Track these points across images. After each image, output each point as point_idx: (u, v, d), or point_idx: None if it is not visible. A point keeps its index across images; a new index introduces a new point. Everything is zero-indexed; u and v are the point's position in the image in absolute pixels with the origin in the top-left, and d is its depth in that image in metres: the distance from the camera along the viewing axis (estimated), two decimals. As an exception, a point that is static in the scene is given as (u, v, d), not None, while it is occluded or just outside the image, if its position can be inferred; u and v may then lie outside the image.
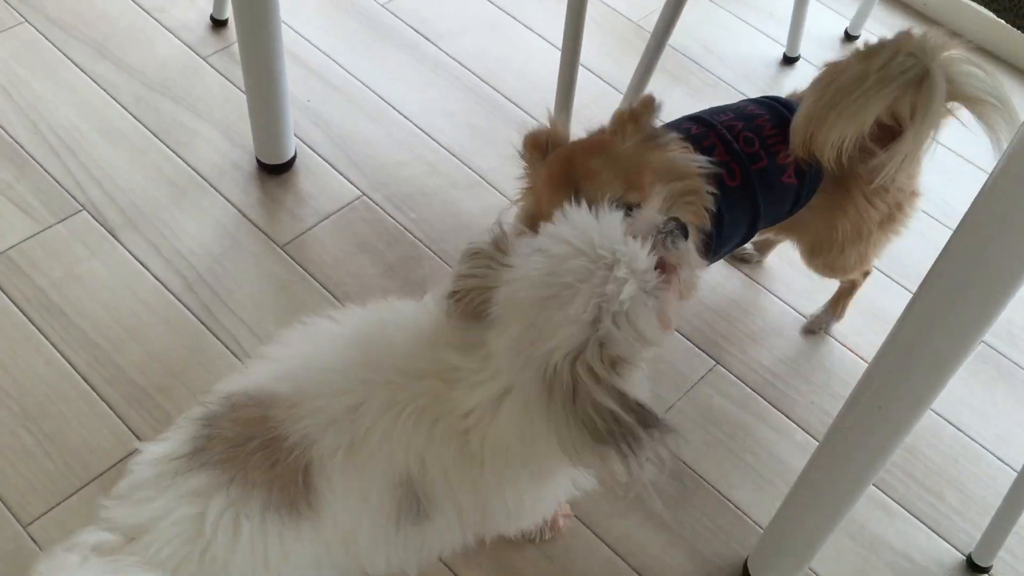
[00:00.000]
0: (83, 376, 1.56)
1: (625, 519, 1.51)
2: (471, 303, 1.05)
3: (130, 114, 1.93)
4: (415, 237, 1.81)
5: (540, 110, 2.05)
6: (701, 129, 1.38)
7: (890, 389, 1.07)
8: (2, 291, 1.64)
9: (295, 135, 1.90)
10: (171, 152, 1.88)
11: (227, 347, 1.62)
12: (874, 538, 1.53)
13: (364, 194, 1.87)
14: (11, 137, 1.85)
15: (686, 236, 1.07)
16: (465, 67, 2.12)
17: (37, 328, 1.60)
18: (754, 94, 2.16)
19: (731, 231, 1.39)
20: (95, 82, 1.97)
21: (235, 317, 1.66)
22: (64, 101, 1.93)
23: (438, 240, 1.81)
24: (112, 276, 1.69)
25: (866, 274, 1.71)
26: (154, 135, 1.90)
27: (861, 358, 1.75)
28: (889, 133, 1.34)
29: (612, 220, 1.01)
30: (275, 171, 1.86)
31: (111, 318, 1.63)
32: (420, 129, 1.99)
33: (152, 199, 1.80)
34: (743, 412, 1.66)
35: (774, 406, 1.67)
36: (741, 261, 1.84)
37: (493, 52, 2.16)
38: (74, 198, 1.78)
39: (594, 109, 1.99)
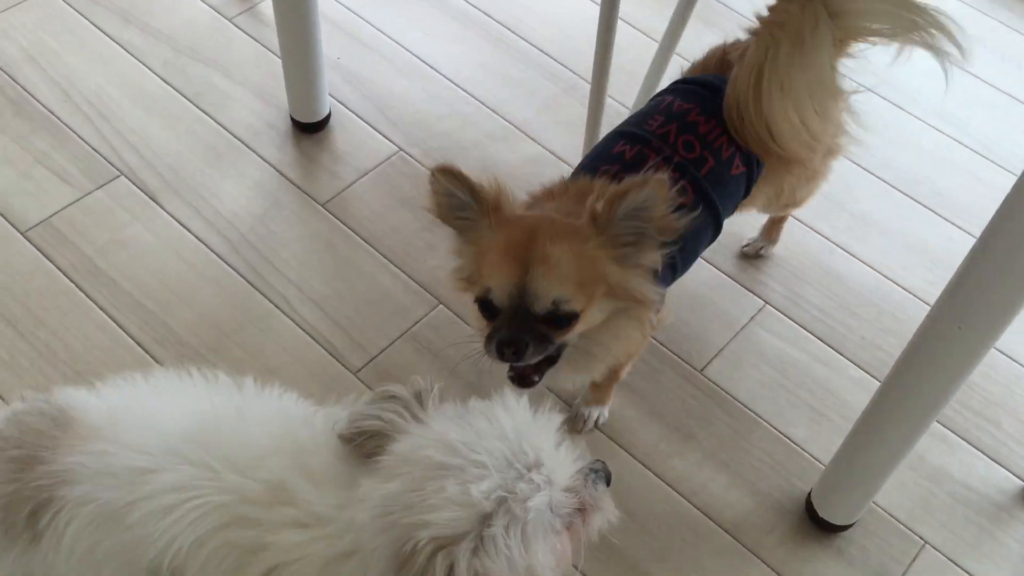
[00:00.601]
0: (135, 340, 1.56)
1: (684, 458, 1.51)
2: (363, 444, 0.91)
3: (160, 79, 1.91)
4: (455, 190, 1.80)
5: (572, 58, 2.04)
6: (635, 149, 1.27)
7: (973, 305, 1.06)
8: (48, 259, 1.64)
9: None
10: (204, 115, 1.86)
11: (276, 306, 1.61)
12: (935, 469, 1.53)
13: (401, 149, 1.85)
14: (44, 107, 1.84)
15: (608, 483, 0.97)
16: (493, 18, 2.10)
17: (86, 294, 1.60)
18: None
19: (696, 244, 1.32)
20: (123, 48, 1.95)
21: (282, 276, 1.65)
22: (94, 69, 1.91)
23: (478, 192, 1.80)
24: (156, 240, 1.68)
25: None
26: (186, 98, 1.88)
27: (909, 292, 1.74)
28: None
29: (548, 423, 0.91)
30: (310, 130, 1.85)
31: (158, 282, 1.63)
32: (452, 82, 1.97)
33: (189, 162, 1.79)
34: (795, 350, 1.65)
35: (825, 343, 1.66)
36: (756, 258, 1.76)
37: (520, 1, 2.14)
38: (112, 164, 1.77)
39: (629, 56, 1.97)
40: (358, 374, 1.55)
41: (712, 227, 1.32)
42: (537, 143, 1.89)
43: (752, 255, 1.75)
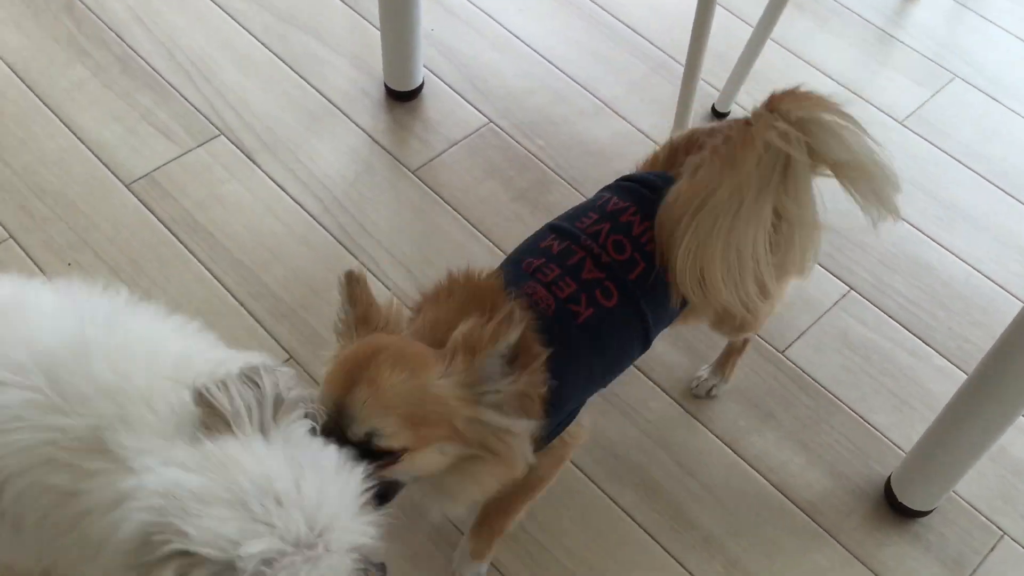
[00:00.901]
0: (231, 292, 1.61)
1: (763, 437, 1.52)
2: (206, 414, 0.87)
3: (261, 43, 1.96)
4: (543, 163, 1.82)
5: (663, 38, 2.05)
6: (564, 244, 1.17)
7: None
8: (150, 211, 1.70)
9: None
10: (302, 80, 1.91)
11: (366, 267, 1.65)
12: (1017, 462, 1.52)
13: (491, 121, 1.88)
14: (149, 65, 1.90)
15: None
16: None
17: (185, 246, 1.66)
18: (880, 23, 2.13)
19: (621, 353, 1.22)
20: (226, 12, 2.01)
21: (371, 239, 1.69)
22: (197, 30, 1.97)
23: (566, 167, 1.82)
24: (252, 198, 1.73)
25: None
26: (284, 63, 1.93)
27: (1000, 286, 1.71)
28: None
29: (348, 484, 0.86)
30: (404, 98, 1.88)
31: (253, 238, 1.68)
32: (544, 58, 1.99)
33: (286, 125, 1.84)
34: (879, 337, 1.64)
35: (911, 331, 1.65)
36: (706, 396, 1.56)
37: (613, -19, 2.15)
38: (212, 123, 1.82)
39: (721, 39, 1.97)
40: (443, 337, 1.58)
41: (640, 339, 1.20)
42: (626, 120, 1.90)
43: (703, 395, 1.55)
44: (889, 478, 1.46)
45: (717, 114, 1.91)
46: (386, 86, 1.89)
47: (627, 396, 1.54)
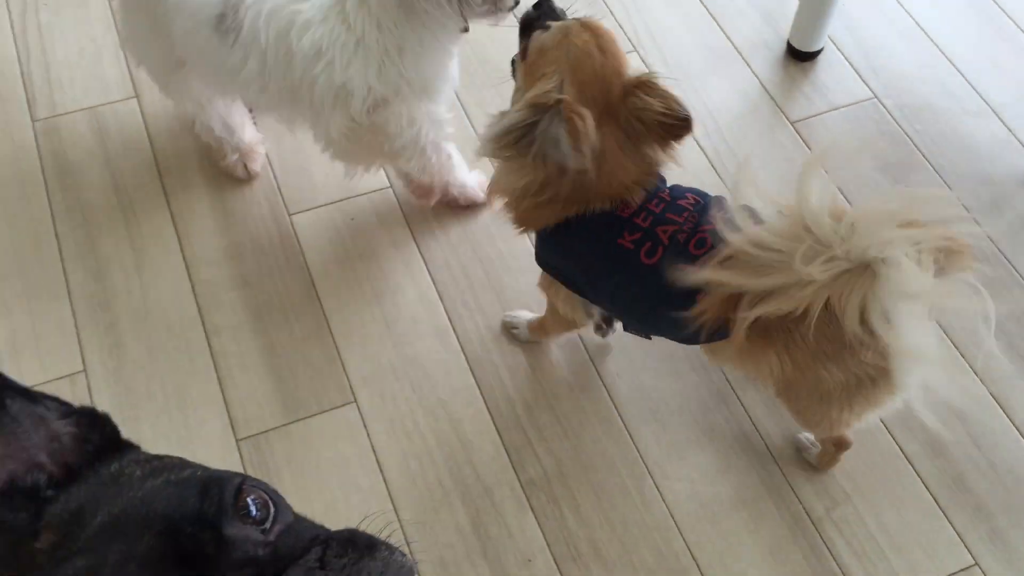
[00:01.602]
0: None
1: None
2: None
3: (686, -15, 2.21)
4: (916, 147, 1.94)
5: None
6: (687, 206, 1.27)
7: None
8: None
9: (826, 32, 2.08)
10: (714, 21, 2.13)
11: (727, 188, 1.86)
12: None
13: (876, 97, 2.01)
14: (590, -19, 2.20)
15: None
16: (1000, 6, 2.17)
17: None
18: None
19: (616, 291, 1.33)
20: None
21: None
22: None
23: (937, 155, 1.92)
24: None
25: (840, 447, 1.49)
26: (704, 6, 2.16)
27: None
28: None
29: None
30: (802, 58, 2.06)
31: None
32: (943, 52, 2.08)
33: (691, 55, 2.07)
34: None
35: None
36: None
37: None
38: (630, 42, 2.09)
39: None
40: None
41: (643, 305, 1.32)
42: (1008, 128, 1.96)
43: (812, 462, 1.56)
44: None
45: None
46: (789, 44, 2.07)
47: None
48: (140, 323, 1.68)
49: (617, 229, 1.28)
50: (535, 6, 1.34)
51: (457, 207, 1.81)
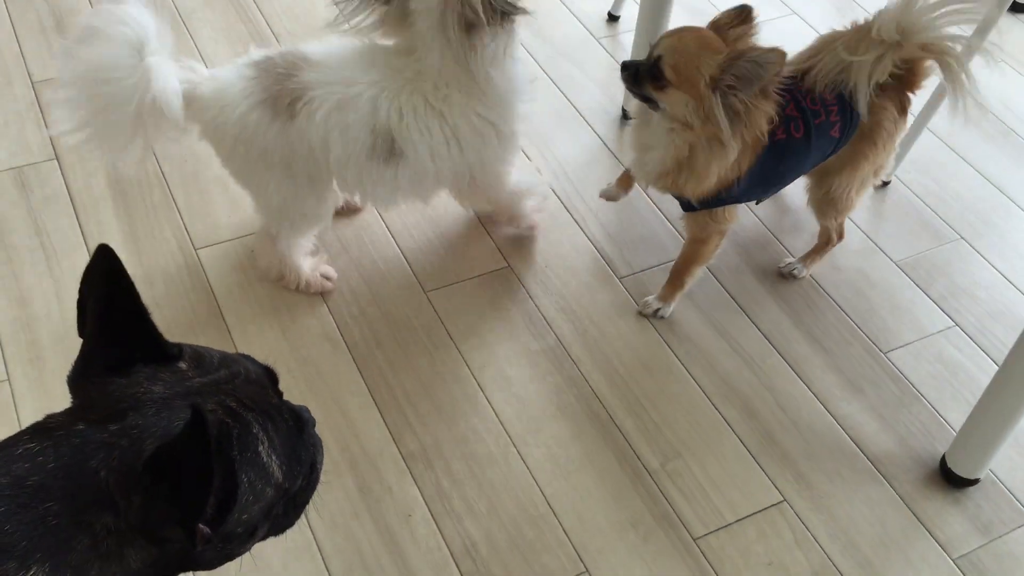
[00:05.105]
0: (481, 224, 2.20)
1: (850, 404, 1.91)
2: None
3: (540, 66, 2.60)
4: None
5: None
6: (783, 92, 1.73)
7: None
8: (435, 153, 2.33)
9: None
10: (561, 93, 2.52)
11: (575, 220, 2.20)
12: (1061, 473, 1.83)
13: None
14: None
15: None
16: None
17: (453, 180, 2.26)
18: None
19: (787, 171, 1.82)
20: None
21: (585, 204, 2.25)
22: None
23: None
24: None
25: (840, 235, 2.08)
26: (552, 82, 2.55)
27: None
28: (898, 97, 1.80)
29: None
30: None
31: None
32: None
33: (542, 119, 2.44)
34: (970, 363, 2.00)
35: (996, 363, 2.00)
36: (789, 277, 2.14)
37: None
38: (491, 108, 2.46)
39: None
40: (622, 280, 2.09)
41: (806, 163, 1.82)
42: None
43: (787, 275, 2.12)
44: (945, 453, 1.82)
45: None
46: (624, 109, 2.46)
47: (749, 348, 1.99)
48: (59, 343, 1.89)
49: (772, 135, 1.70)
50: (624, 67, 1.72)
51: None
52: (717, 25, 1.68)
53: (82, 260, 2.02)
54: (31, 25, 2.55)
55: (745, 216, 2.24)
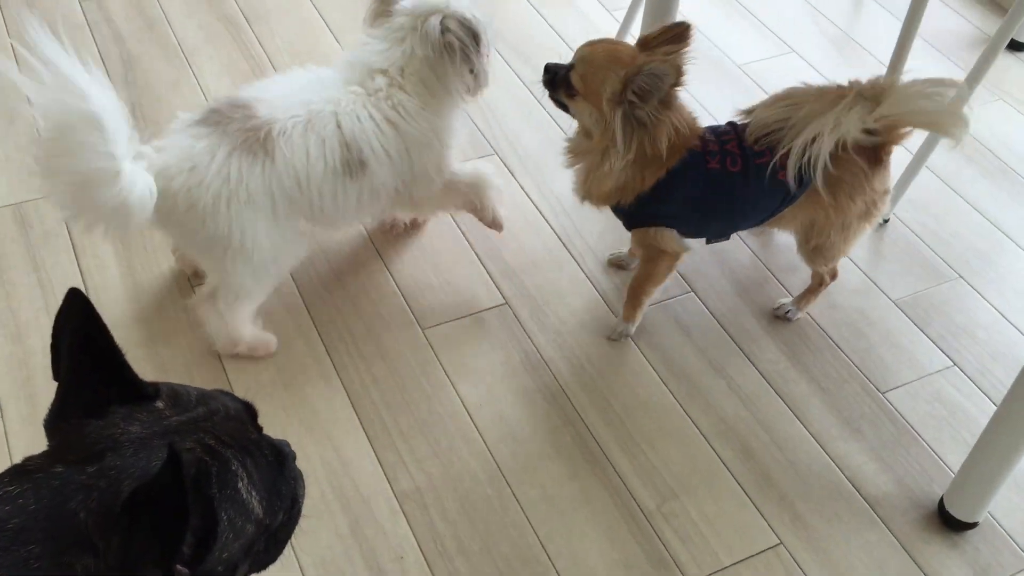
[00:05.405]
0: (476, 253, 2.20)
1: (847, 444, 1.90)
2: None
3: (530, 92, 2.61)
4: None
5: None
6: (726, 127, 1.82)
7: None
8: (433, 189, 2.33)
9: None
10: (557, 125, 2.53)
11: (575, 259, 2.20)
12: (1062, 516, 1.81)
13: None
14: (456, 100, 2.59)
15: None
16: None
17: (456, 224, 2.27)
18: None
19: (720, 208, 1.84)
20: (517, 76, 2.69)
21: (583, 241, 2.25)
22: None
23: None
24: (509, 199, 2.32)
25: (833, 276, 2.05)
26: (545, 109, 2.56)
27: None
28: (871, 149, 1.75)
29: None
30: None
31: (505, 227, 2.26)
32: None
33: (538, 154, 2.45)
34: (970, 404, 1.98)
35: (995, 404, 1.98)
36: (783, 318, 2.12)
37: None
38: (489, 143, 2.47)
39: None
40: (615, 312, 2.09)
41: (735, 210, 1.85)
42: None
43: (781, 316, 2.10)
44: (943, 495, 1.80)
45: None
46: (621, 146, 2.47)
47: (747, 388, 1.98)
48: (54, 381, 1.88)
49: (702, 162, 1.76)
50: (545, 70, 1.82)
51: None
52: (645, 40, 1.73)
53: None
54: (35, 61, 2.57)
55: (743, 254, 2.24)
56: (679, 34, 1.69)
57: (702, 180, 1.78)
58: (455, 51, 1.81)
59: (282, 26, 2.78)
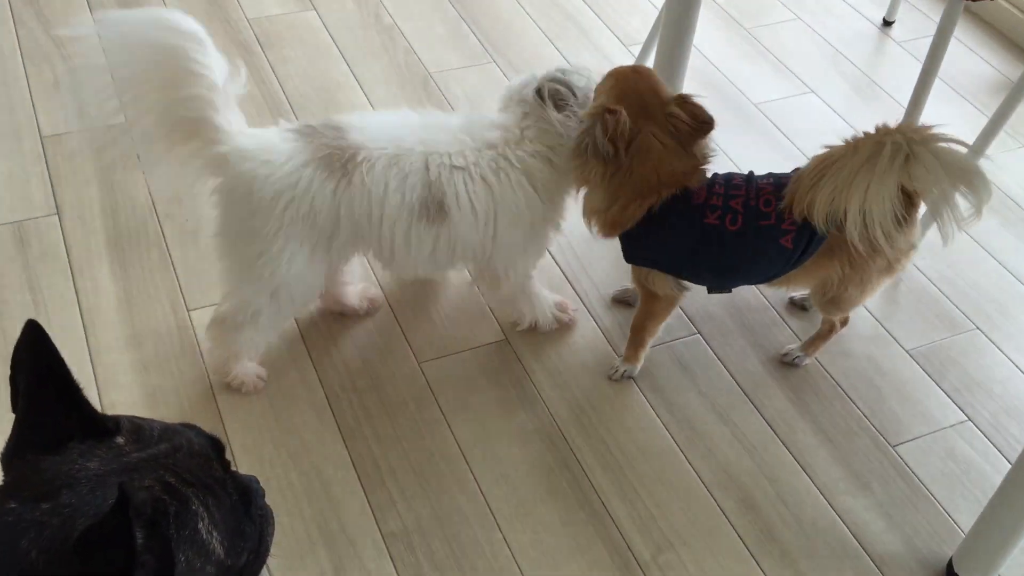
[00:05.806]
0: (474, 279, 2.15)
1: (855, 499, 1.83)
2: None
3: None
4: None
5: None
6: (740, 180, 1.74)
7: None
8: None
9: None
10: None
11: (579, 295, 2.15)
12: (1076, 582, 1.73)
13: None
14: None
15: None
16: None
17: (455, 249, 2.23)
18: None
19: (712, 263, 1.76)
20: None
21: (589, 279, 2.20)
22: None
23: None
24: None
25: (844, 323, 1.98)
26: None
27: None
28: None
29: None
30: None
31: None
32: None
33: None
34: (983, 461, 1.91)
35: (1010, 461, 1.91)
36: (790, 364, 2.05)
37: None
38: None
39: None
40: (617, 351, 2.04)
41: (727, 270, 1.78)
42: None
43: (788, 362, 2.04)
44: (952, 556, 1.72)
45: None
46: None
47: (752, 436, 1.91)
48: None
49: (700, 214, 1.70)
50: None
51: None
52: (683, 97, 1.70)
53: (74, 318, 1.99)
54: (46, 81, 2.57)
55: (752, 296, 2.18)
56: (704, 123, 1.67)
57: (696, 232, 1.71)
58: (545, 96, 1.78)
59: (295, 52, 2.77)
